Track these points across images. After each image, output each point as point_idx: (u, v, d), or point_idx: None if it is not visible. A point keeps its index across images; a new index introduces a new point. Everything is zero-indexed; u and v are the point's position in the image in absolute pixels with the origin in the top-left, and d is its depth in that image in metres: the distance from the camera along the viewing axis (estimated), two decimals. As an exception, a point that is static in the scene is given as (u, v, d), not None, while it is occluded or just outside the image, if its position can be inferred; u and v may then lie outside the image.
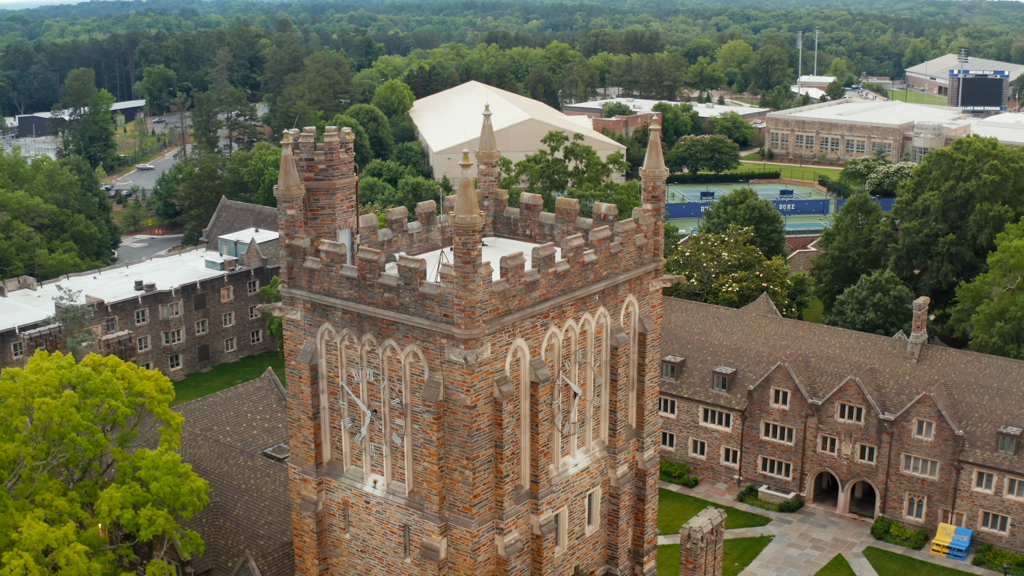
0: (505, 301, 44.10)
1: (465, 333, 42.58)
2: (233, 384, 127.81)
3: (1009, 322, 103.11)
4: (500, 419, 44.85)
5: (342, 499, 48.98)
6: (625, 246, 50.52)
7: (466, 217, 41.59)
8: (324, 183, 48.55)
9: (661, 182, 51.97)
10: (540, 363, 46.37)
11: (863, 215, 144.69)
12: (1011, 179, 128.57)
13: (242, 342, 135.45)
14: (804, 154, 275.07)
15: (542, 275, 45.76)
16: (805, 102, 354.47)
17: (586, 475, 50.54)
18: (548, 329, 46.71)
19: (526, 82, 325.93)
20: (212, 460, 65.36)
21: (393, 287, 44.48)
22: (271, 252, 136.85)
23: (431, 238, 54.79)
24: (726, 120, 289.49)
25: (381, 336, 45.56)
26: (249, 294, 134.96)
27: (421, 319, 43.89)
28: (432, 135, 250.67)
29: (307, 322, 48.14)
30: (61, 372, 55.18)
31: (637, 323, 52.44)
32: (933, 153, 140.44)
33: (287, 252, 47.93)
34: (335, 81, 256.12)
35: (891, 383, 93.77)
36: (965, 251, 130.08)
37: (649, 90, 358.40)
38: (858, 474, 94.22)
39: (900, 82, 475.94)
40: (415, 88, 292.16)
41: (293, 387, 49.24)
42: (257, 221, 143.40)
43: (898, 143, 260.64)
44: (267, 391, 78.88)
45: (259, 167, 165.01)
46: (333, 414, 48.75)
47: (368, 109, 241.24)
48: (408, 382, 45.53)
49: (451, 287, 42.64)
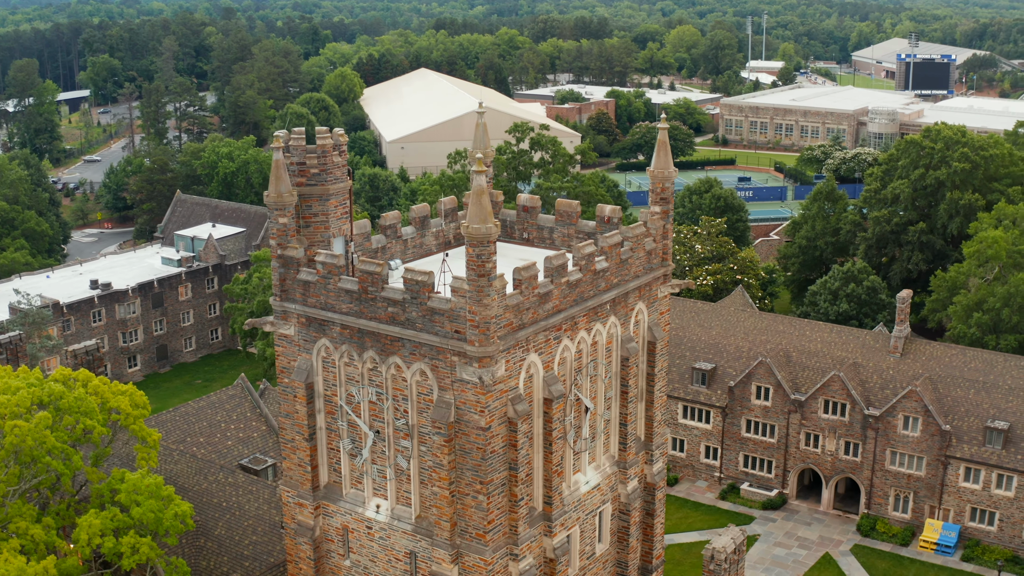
0: (519, 315, 41.40)
1: (479, 351, 39.81)
2: (192, 384, 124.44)
3: (987, 313, 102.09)
4: (515, 440, 42.17)
5: (341, 524, 46.06)
6: (635, 251, 48.00)
7: (481, 227, 38.78)
8: (317, 188, 45.45)
9: (670, 183, 49.45)
10: (554, 378, 43.73)
11: (830, 203, 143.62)
12: (981, 167, 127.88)
13: (201, 341, 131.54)
14: (758, 140, 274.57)
15: (555, 285, 43.10)
16: (756, 87, 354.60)
17: (596, 492, 48.04)
18: (561, 342, 44.08)
19: (476, 69, 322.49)
20: (190, 476, 62.07)
21: (398, 301, 41.57)
22: (229, 248, 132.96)
23: (425, 243, 51.86)
24: (679, 106, 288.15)
25: (385, 353, 42.65)
26: (207, 291, 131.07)
27: (430, 335, 41.03)
28: (384, 124, 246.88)
29: (302, 338, 45.07)
30: (32, 391, 51.64)
31: (646, 331, 49.96)
32: (901, 141, 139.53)
33: (279, 263, 44.81)
34: (284, 70, 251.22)
35: (875, 377, 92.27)
36: (936, 240, 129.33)
37: (600, 76, 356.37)
38: (842, 470, 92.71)
39: (846, 66, 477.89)
40: (365, 76, 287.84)
41: (287, 406, 46.17)
42: (214, 216, 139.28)
43: (852, 128, 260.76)
44: (240, 399, 75.67)
45: (212, 159, 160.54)
46: (331, 435, 45.77)
47: (319, 98, 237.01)
48: (415, 402, 42.66)
49: (463, 301, 39.83)
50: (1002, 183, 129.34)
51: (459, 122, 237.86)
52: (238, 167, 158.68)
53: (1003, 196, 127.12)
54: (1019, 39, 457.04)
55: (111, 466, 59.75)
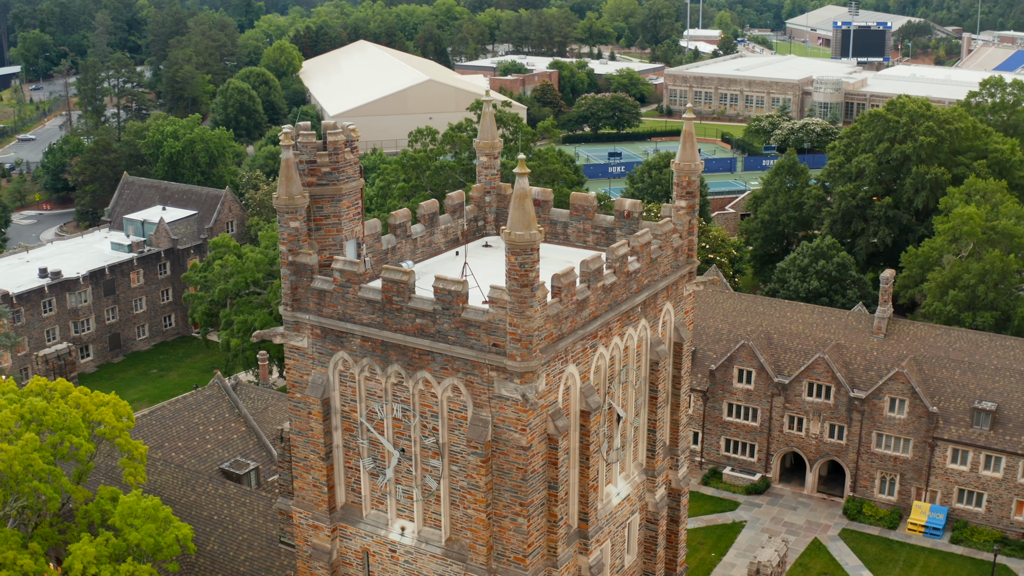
0: (558, 325, 38.65)
1: (522, 365, 37.01)
2: (148, 374, 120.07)
3: (963, 290, 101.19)
4: (555, 457, 39.51)
5: (361, 547, 43.10)
6: (663, 249, 45.42)
7: (524, 234, 35.89)
8: (329, 188, 42.18)
9: (696, 176, 46.86)
10: (591, 389, 41.10)
11: (792, 177, 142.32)
12: (947, 141, 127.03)
13: (154, 328, 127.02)
14: (703, 110, 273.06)
15: (591, 291, 40.39)
16: (696, 57, 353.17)
17: (626, 503, 45.64)
18: (596, 350, 41.42)
19: (416, 41, 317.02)
20: (176, 488, 58.57)
21: (428, 312, 38.56)
22: (181, 232, 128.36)
23: (434, 241, 48.80)
24: (622, 77, 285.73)
25: (412, 367, 39.66)
26: (160, 277, 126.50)
27: (464, 349, 38.12)
28: (325, 98, 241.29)
29: (316, 350, 41.88)
30: (13, 407, 47.87)
31: (672, 332, 47.48)
32: (864, 114, 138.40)
33: (291, 271, 41.51)
34: (221, 44, 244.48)
35: (859, 359, 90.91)
36: (902, 214, 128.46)
37: (539, 47, 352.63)
38: (827, 453, 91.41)
39: (781, 34, 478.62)
40: (303, 49, 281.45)
41: (300, 423, 43.02)
42: (163, 199, 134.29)
43: (798, 98, 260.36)
44: (218, 399, 72.20)
45: (157, 139, 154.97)
46: (348, 453, 42.71)
47: (259, 72, 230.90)
48: (446, 419, 39.77)
49: (503, 313, 36.96)
50: (967, 156, 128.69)
51: (404, 95, 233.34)
52: (184, 146, 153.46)
53: (968, 170, 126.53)
54: (952, 5, 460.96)
55: (94, 482, 56.08)
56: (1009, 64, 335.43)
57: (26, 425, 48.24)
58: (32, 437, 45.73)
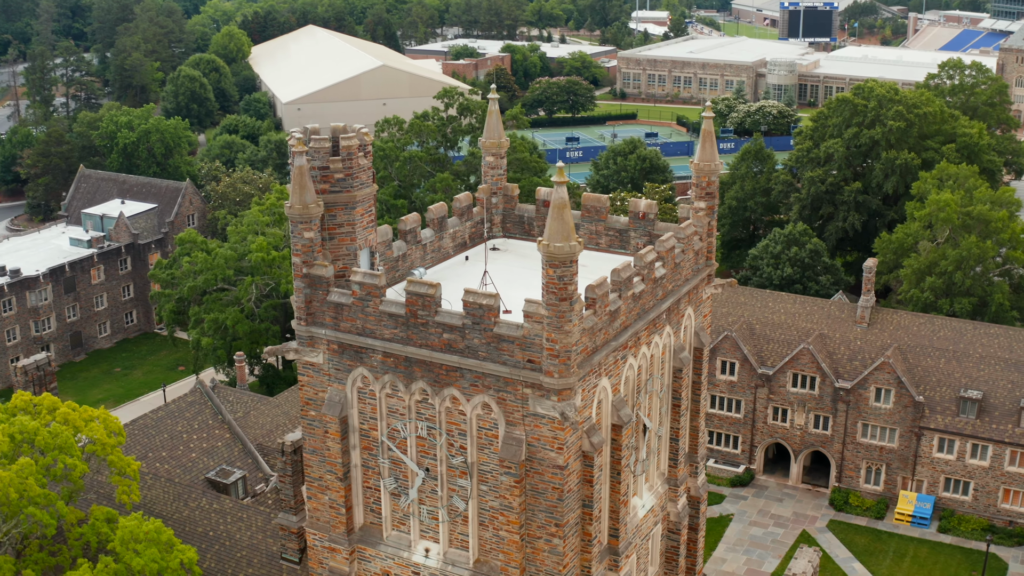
0: (593, 337, 37.05)
1: (559, 382, 35.36)
2: (111, 372, 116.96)
3: (940, 277, 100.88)
4: (590, 475, 37.97)
5: (381, 570, 41.29)
6: (685, 253, 43.95)
7: (564, 246, 34.19)
8: (343, 196, 40.15)
9: (715, 176, 45.37)
10: (622, 402, 39.59)
11: (758, 163, 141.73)
12: (916, 125, 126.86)
13: (116, 325, 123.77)
14: (657, 93, 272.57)
15: (623, 300, 38.82)
16: (646, 39, 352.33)
17: (650, 515, 44.24)
18: (627, 361, 39.90)
19: (365, 25, 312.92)
20: (167, 503, 56.27)
21: (457, 327, 36.76)
22: (141, 226, 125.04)
23: (443, 246, 46.96)
24: (575, 60, 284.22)
25: (439, 384, 37.85)
26: (121, 273, 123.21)
27: (496, 365, 36.39)
28: (277, 85, 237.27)
29: (333, 367, 39.90)
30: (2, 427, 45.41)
31: (692, 337, 46.07)
32: (832, 99, 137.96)
33: (305, 284, 39.47)
34: (169, 30, 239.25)
35: (842, 349, 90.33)
36: (872, 199, 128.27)
37: (489, 30, 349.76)
38: (812, 444, 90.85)
39: (727, 14, 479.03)
40: (251, 34, 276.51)
41: (314, 442, 41.06)
42: (121, 192, 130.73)
43: (751, 80, 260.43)
44: (200, 406, 69.91)
45: (111, 129, 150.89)
46: (367, 472, 40.84)
47: (208, 59, 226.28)
48: (475, 437, 38.04)
49: (539, 328, 35.26)
50: (935, 141, 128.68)
51: (357, 81, 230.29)
52: (139, 137, 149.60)
53: (937, 154, 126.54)
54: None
55: (84, 500, 53.67)
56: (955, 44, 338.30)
57: (16, 446, 45.81)
58: (28, 462, 43.36)
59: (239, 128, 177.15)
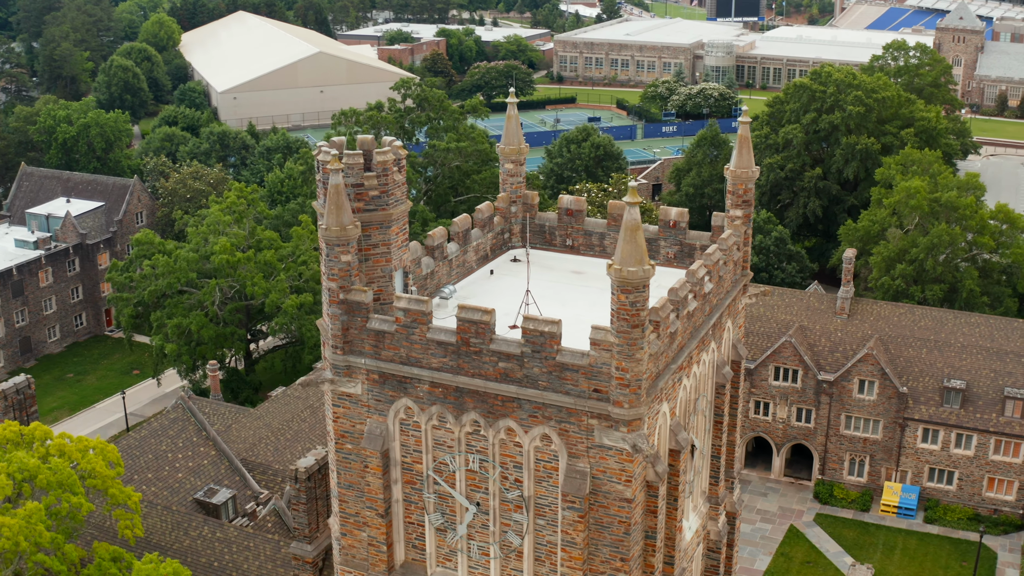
0: (656, 362, 35.19)
1: (630, 413, 33.47)
2: (64, 379, 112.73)
3: (911, 264, 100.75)
4: (653, 505, 36.19)
5: (425, 608, 39.15)
6: (727, 265, 42.28)
7: (637, 270, 32.25)
8: (378, 214, 37.72)
9: (751, 184, 43.69)
10: (679, 426, 37.83)
11: (715, 149, 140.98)
12: (875, 110, 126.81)
13: (65, 329, 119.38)
14: (595, 76, 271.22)
15: (680, 320, 37.02)
16: (578, 21, 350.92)
17: (695, 536, 42.63)
18: (682, 383, 38.14)
19: (296, 10, 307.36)
20: (167, 533, 53.44)
21: (515, 355, 34.65)
22: (89, 225, 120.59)
23: (467, 260, 44.75)
24: (510, 44, 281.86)
25: (493, 415, 35.73)
26: (69, 274, 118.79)
27: (558, 395, 34.36)
28: (211, 73, 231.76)
29: (373, 397, 37.54)
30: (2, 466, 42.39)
31: (730, 350, 44.45)
32: (790, 85, 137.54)
33: (342, 310, 37.01)
34: (97, 18, 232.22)
35: (823, 341, 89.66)
36: (831, 185, 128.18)
37: (420, 13, 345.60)
38: (794, 437, 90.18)
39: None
40: (180, 21, 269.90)
41: (350, 477, 38.69)
42: (66, 190, 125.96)
43: (689, 62, 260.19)
44: (184, 422, 66.98)
45: (49, 124, 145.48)
46: (410, 507, 38.61)
47: (140, 48, 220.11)
48: (532, 470, 35.99)
49: (607, 356, 33.30)
50: (893, 125, 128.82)
51: (294, 69, 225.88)
52: (78, 131, 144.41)
53: (895, 139, 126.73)
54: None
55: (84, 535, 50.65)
56: (882, 22, 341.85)
57: (17, 487, 42.82)
58: (36, 508, 40.44)
59: (178, 119, 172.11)
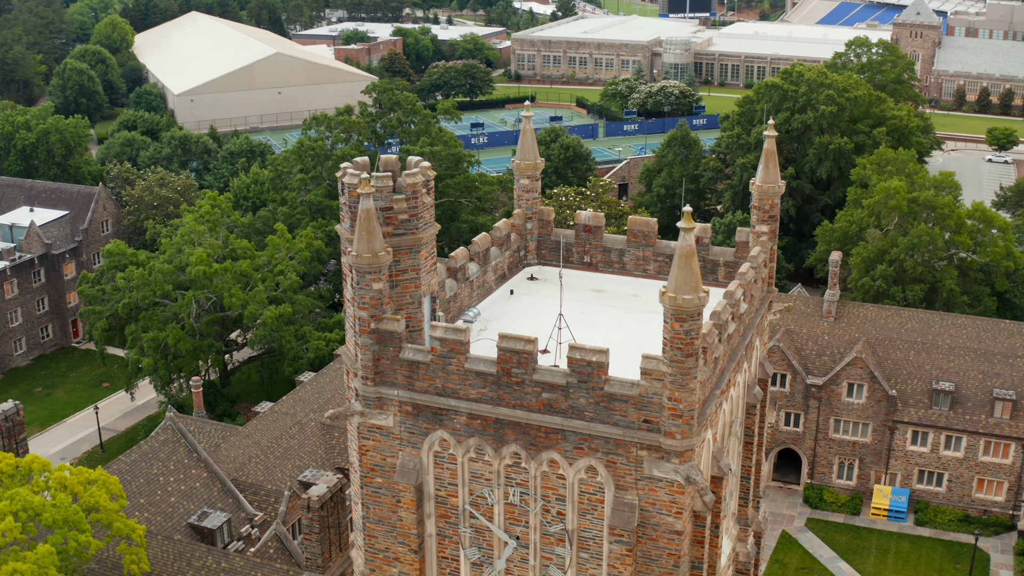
0: (704, 389, 34.19)
1: (682, 444, 32.45)
2: (32, 393, 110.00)
3: (891, 264, 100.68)
4: (701, 535, 35.22)
5: (459, 644, 37.90)
6: (757, 283, 41.37)
7: (692, 298, 31.20)
8: (407, 239, 36.33)
9: (777, 199, 42.83)
10: (720, 452, 36.89)
11: (685, 149, 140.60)
12: (847, 110, 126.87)
13: (32, 341, 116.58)
14: (553, 74, 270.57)
15: (721, 343, 36.06)
16: (532, 18, 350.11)
17: (728, 560, 41.73)
18: (722, 407, 37.19)
19: (249, 10, 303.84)
20: (168, 563, 51.73)
21: (560, 385, 33.49)
22: (54, 235, 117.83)
23: (486, 280, 43.53)
24: (467, 42, 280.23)
25: (536, 448, 34.55)
26: (35, 285, 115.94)
27: (605, 426, 33.26)
28: (166, 75, 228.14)
29: (406, 430, 36.21)
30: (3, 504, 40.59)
31: (757, 368, 43.56)
32: (761, 84, 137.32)
33: (373, 340, 35.63)
34: (49, 20, 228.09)
35: (810, 344, 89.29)
36: (804, 185, 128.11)
37: (375, 12, 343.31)
38: (783, 442, 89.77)
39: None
40: (133, 22, 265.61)
41: (380, 511, 37.33)
42: (29, 199, 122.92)
43: (648, 60, 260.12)
44: (174, 445, 65.13)
45: (7, 130, 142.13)
46: (444, 542, 37.34)
47: (94, 50, 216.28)
48: (576, 503, 34.86)
49: (658, 386, 32.24)
50: (864, 124, 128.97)
51: (251, 70, 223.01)
52: (37, 138, 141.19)
53: (868, 138, 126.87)
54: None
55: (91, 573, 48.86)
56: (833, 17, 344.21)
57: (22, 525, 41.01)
58: (48, 551, 38.68)
59: (137, 124, 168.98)
